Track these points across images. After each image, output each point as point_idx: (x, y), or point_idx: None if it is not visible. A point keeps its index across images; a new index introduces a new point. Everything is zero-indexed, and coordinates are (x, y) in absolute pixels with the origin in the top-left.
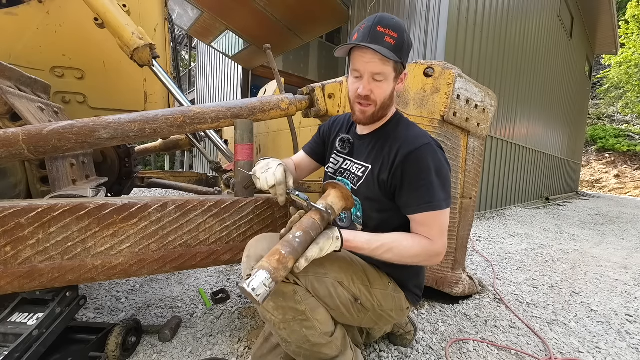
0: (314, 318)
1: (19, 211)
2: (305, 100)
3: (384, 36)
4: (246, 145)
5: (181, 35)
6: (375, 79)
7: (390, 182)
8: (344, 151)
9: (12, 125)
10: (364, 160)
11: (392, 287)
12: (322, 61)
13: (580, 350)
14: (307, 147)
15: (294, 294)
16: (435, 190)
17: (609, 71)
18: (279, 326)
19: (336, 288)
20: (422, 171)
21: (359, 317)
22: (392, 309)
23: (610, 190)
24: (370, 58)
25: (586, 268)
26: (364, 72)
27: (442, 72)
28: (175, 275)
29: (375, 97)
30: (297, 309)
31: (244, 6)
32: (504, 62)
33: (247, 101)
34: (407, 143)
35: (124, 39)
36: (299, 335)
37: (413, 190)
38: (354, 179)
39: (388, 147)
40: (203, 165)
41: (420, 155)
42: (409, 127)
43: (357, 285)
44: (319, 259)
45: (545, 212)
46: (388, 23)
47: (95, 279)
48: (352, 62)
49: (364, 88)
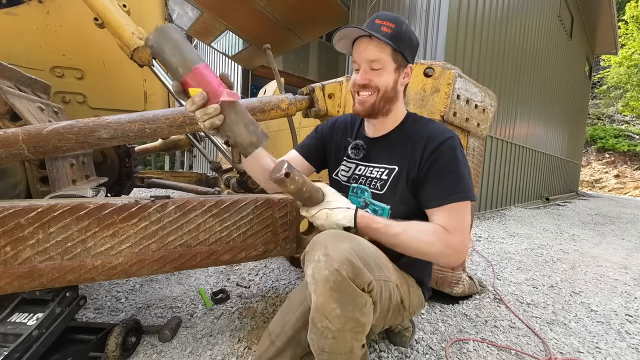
0: (366, 331)
1: (19, 211)
2: (305, 100)
3: (380, 26)
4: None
5: None
6: (373, 67)
7: (419, 176)
8: (356, 157)
9: (12, 125)
10: (386, 162)
11: (417, 285)
12: (322, 61)
13: (580, 350)
14: (301, 149)
15: (364, 306)
16: (462, 181)
17: (609, 71)
18: (328, 335)
19: (394, 291)
20: (450, 163)
21: (395, 319)
22: (417, 305)
23: (610, 190)
24: (365, 46)
25: (586, 268)
26: (360, 61)
27: (442, 72)
28: (175, 275)
29: (375, 85)
30: (360, 320)
31: (244, 6)
32: (504, 62)
33: (247, 101)
34: (434, 137)
35: (124, 39)
36: (346, 346)
37: (440, 181)
38: (377, 183)
39: (412, 145)
40: (203, 165)
41: (447, 147)
42: (430, 122)
43: (403, 287)
44: (384, 262)
45: (545, 212)
46: (386, 16)
47: (95, 279)
48: (353, 55)
49: (360, 77)
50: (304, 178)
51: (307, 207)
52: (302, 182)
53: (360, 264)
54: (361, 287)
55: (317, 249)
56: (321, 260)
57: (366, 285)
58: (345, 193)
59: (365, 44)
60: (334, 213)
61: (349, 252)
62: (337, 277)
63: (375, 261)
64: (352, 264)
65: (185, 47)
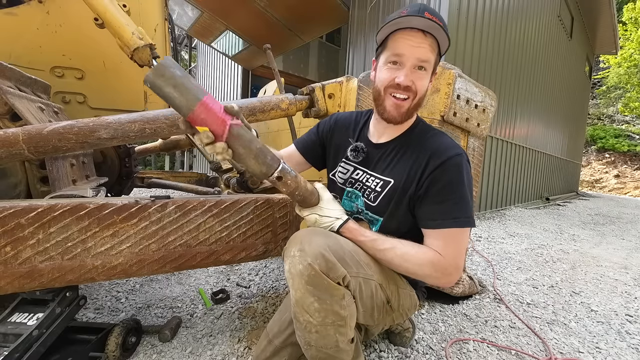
0: (349, 325)
1: (19, 211)
2: (305, 100)
3: (433, 22)
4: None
5: (181, 35)
6: (421, 66)
7: (417, 193)
8: (355, 160)
9: (12, 125)
10: (382, 173)
11: (409, 286)
12: (322, 61)
13: (580, 350)
14: (299, 144)
15: (342, 299)
16: (464, 205)
17: (609, 71)
18: (311, 329)
19: (377, 290)
20: (453, 183)
21: (383, 319)
22: (409, 307)
23: (610, 190)
24: (419, 42)
25: (586, 268)
26: (409, 57)
27: (442, 72)
28: (175, 275)
29: (416, 89)
30: (340, 314)
31: (244, 6)
32: (504, 62)
33: (247, 101)
34: (439, 153)
35: (124, 39)
36: (330, 340)
37: (438, 202)
38: (371, 193)
39: (414, 158)
40: (203, 165)
41: (452, 165)
42: (438, 135)
43: (390, 287)
44: (365, 260)
45: (545, 212)
46: (434, 12)
47: (95, 279)
48: (392, 47)
49: (405, 76)
50: (297, 182)
51: (301, 208)
52: (294, 187)
53: (334, 259)
54: (336, 280)
55: (293, 245)
56: (296, 256)
57: (341, 279)
58: (341, 196)
59: (419, 39)
60: (322, 220)
61: (322, 247)
62: (310, 271)
63: (354, 258)
64: (325, 258)
65: (184, 83)
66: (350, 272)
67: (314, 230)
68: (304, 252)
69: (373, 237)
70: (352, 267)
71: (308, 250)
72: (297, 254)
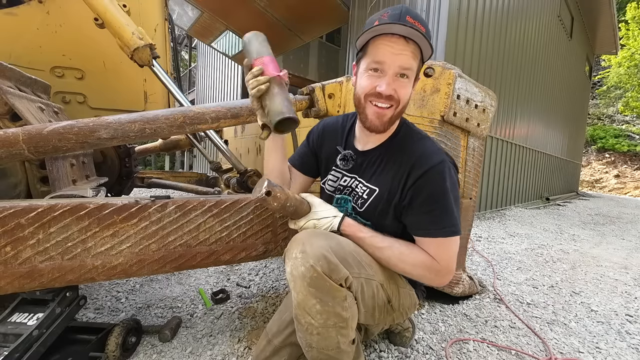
0: (351, 326)
1: (19, 211)
2: (305, 100)
3: (414, 27)
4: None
5: (181, 35)
6: (403, 74)
7: (402, 202)
8: (345, 168)
9: (12, 125)
10: (369, 181)
11: (409, 285)
12: (322, 61)
13: (581, 350)
14: (296, 161)
15: (344, 300)
16: (449, 214)
17: (609, 71)
18: (313, 331)
19: (378, 290)
20: (437, 193)
21: (384, 319)
22: (409, 306)
23: (610, 190)
24: (400, 49)
25: (586, 268)
26: (390, 65)
27: (442, 72)
28: (175, 275)
29: (398, 97)
30: (342, 315)
31: (244, 6)
32: (504, 62)
33: (247, 101)
34: (421, 161)
35: (124, 39)
36: (331, 342)
37: (425, 212)
38: (358, 200)
39: (397, 166)
40: (203, 165)
41: (435, 174)
42: (421, 140)
43: (391, 287)
44: (366, 260)
45: (545, 212)
46: (416, 16)
47: (95, 279)
48: (373, 53)
49: (387, 85)
50: (286, 193)
51: (295, 220)
52: (284, 198)
53: (336, 260)
54: (338, 282)
55: (295, 247)
56: (298, 257)
57: (343, 280)
58: (330, 203)
59: (401, 45)
60: (321, 223)
61: (324, 248)
62: (312, 273)
63: (355, 259)
64: (328, 259)
65: (264, 45)
66: (352, 272)
67: (315, 231)
68: (306, 253)
69: (371, 234)
70: (354, 268)
71: (310, 251)
72: (299, 256)
